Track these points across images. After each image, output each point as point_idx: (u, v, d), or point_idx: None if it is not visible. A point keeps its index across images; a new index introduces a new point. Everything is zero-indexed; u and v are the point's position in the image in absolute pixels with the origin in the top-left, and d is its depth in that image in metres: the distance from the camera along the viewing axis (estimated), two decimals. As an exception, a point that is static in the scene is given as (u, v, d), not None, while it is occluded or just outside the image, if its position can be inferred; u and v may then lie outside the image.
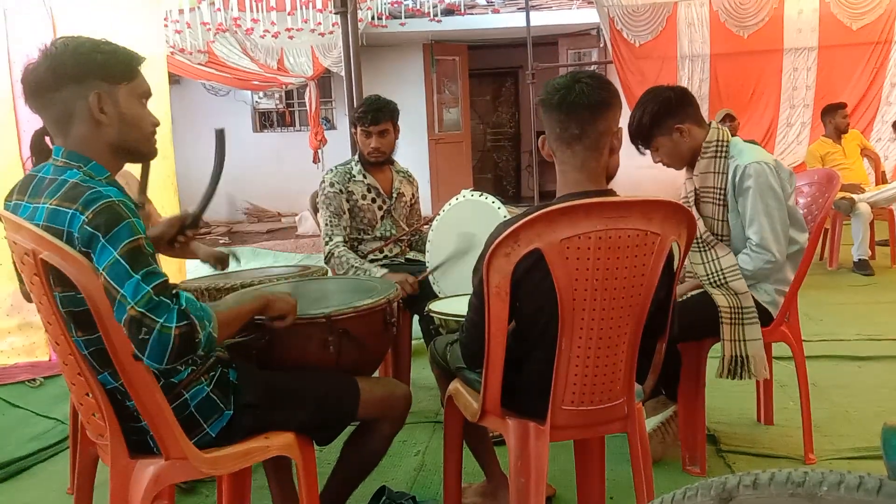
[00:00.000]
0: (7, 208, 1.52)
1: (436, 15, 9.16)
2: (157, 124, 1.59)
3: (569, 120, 1.64)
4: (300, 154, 9.64)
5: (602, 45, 9.33)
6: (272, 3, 8.46)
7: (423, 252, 3.03)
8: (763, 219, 2.29)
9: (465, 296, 1.84)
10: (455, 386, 1.97)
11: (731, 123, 6.33)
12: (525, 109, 11.64)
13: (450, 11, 9.34)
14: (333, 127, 10.27)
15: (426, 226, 3.23)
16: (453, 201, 2.90)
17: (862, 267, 5.40)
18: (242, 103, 10.65)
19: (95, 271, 1.38)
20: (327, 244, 3.11)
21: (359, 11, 6.56)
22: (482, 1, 9.57)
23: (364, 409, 1.80)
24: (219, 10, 8.13)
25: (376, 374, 2.31)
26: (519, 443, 1.70)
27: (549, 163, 1.74)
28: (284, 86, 9.58)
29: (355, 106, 3.24)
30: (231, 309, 1.58)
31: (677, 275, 1.75)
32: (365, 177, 3.17)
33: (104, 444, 1.58)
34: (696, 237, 2.35)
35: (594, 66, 9.58)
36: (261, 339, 1.77)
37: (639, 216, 1.56)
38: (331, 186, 3.13)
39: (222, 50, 8.53)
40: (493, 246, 1.57)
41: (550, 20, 9.33)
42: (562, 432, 1.71)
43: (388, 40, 9.50)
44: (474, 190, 2.87)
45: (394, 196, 3.22)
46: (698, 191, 2.40)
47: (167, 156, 4.38)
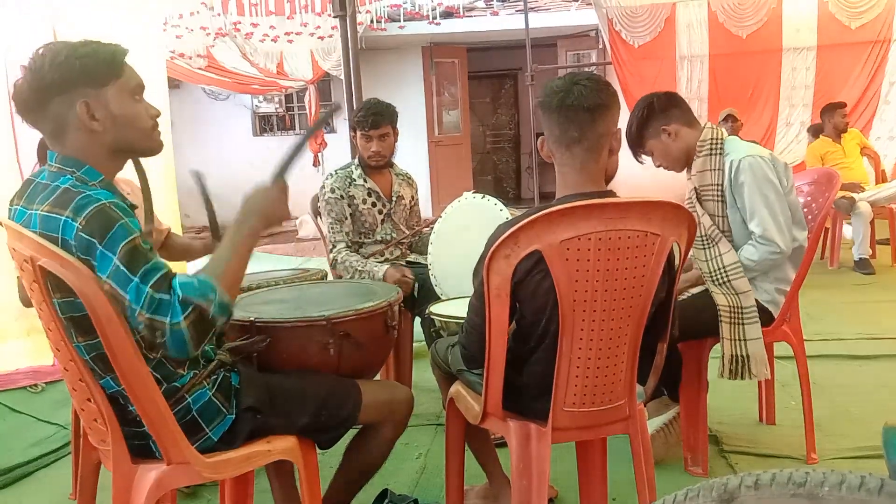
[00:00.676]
0: (8, 213, 1.52)
1: (434, 18, 9.19)
2: (157, 115, 1.55)
3: (568, 122, 1.65)
4: (300, 157, 9.64)
5: (601, 47, 9.33)
6: (271, 8, 8.48)
7: (424, 254, 3.04)
8: (763, 210, 2.29)
9: (466, 298, 1.84)
10: (456, 388, 1.97)
11: (734, 124, 6.33)
12: (524, 111, 11.65)
13: (449, 14, 9.36)
14: (333, 130, 10.28)
15: (427, 228, 3.23)
16: (455, 203, 2.90)
17: (863, 266, 5.40)
18: (242, 107, 10.66)
19: (98, 279, 1.37)
20: (331, 251, 3.12)
21: (358, 15, 6.57)
22: (481, 3, 9.58)
23: (366, 413, 1.80)
24: (218, 15, 8.15)
25: (378, 377, 2.31)
26: (521, 444, 1.70)
27: (549, 164, 1.74)
28: (284, 90, 9.58)
29: (354, 110, 3.23)
30: (229, 264, 1.47)
31: (678, 275, 1.75)
32: (365, 181, 3.17)
33: (106, 450, 1.58)
34: (701, 234, 2.37)
35: (593, 68, 9.58)
36: (261, 343, 1.77)
37: (638, 217, 1.56)
38: (332, 192, 3.13)
39: (222, 54, 8.53)
40: (493, 248, 1.57)
41: (549, 22, 9.34)
42: (563, 434, 1.71)
43: (388, 43, 9.50)
44: (475, 192, 2.88)
45: (393, 199, 3.22)
46: (698, 189, 2.41)
47: (167, 160, 4.38)
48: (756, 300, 2.34)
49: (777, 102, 7.85)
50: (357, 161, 3.22)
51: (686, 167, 2.49)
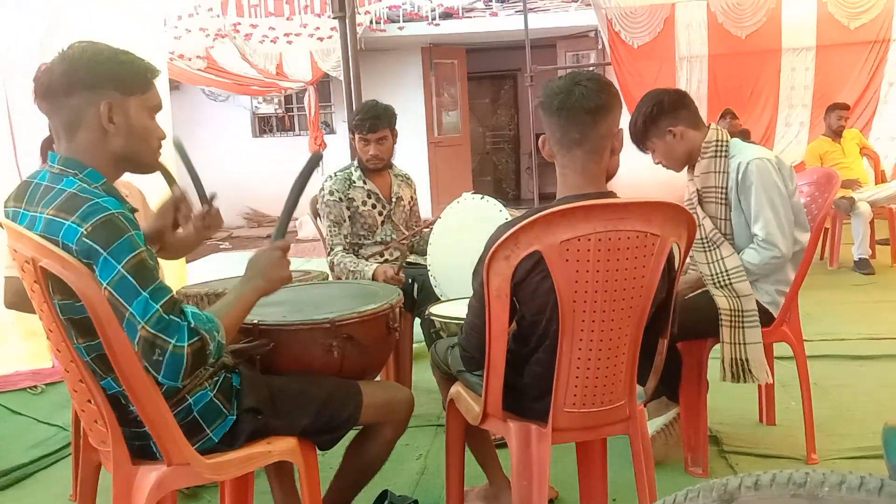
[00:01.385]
0: (7, 216, 1.52)
1: (434, 19, 9.19)
2: (164, 137, 1.60)
3: (569, 124, 1.64)
4: (300, 159, 9.60)
5: (600, 47, 9.33)
6: (271, 9, 8.49)
7: (424, 255, 3.04)
8: (769, 214, 2.29)
9: (466, 299, 1.84)
10: (456, 389, 1.97)
11: (732, 121, 6.33)
12: (524, 112, 11.65)
13: (448, 15, 9.37)
14: (333, 131, 10.28)
15: (427, 228, 3.23)
16: (455, 204, 2.90)
17: (862, 266, 5.40)
18: (242, 108, 10.67)
19: (98, 284, 1.38)
20: (329, 254, 3.12)
21: (357, 16, 6.57)
22: (480, 4, 9.59)
23: (366, 414, 1.80)
24: (218, 16, 8.15)
25: (378, 378, 2.31)
26: (521, 445, 1.70)
27: (549, 164, 1.74)
28: (283, 90, 9.59)
29: (353, 113, 3.23)
30: (232, 309, 1.55)
31: (678, 276, 1.75)
32: (365, 182, 3.17)
33: (106, 451, 1.58)
34: (702, 236, 2.36)
35: (592, 68, 9.59)
36: (265, 346, 1.77)
37: (638, 218, 1.57)
38: (330, 195, 3.13)
39: (221, 55, 8.54)
40: (493, 248, 1.57)
41: (548, 23, 9.35)
42: (564, 434, 1.71)
43: (387, 44, 9.51)
44: (475, 193, 2.88)
45: (393, 200, 3.22)
46: (701, 191, 2.41)
47: (167, 161, 4.37)
48: (757, 301, 2.34)
49: (776, 103, 7.85)
50: (356, 163, 3.22)
51: (685, 167, 2.49)
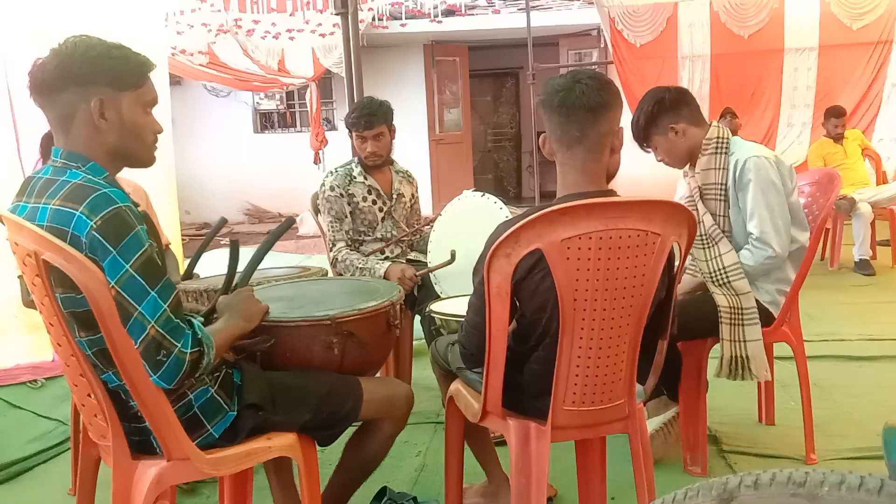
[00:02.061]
0: (9, 211, 1.52)
1: (436, 16, 9.19)
2: (160, 132, 1.58)
3: (569, 122, 1.64)
4: (301, 155, 9.65)
5: (602, 46, 9.33)
6: (273, 5, 8.48)
7: (425, 252, 3.04)
8: (764, 212, 2.29)
9: (466, 296, 1.84)
10: (456, 386, 1.97)
11: (732, 119, 6.33)
12: (526, 110, 11.64)
13: (450, 12, 9.36)
14: (334, 128, 10.28)
15: (427, 226, 3.23)
16: (455, 201, 2.90)
17: (863, 267, 5.40)
18: (243, 104, 10.66)
19: (106, 283, 1.38)
20: (331, 250, 3.12)
21: (359, 12, 6.56)
22: (483, 2, 9.58)
23: (366, 410, 1.80)
24: (219, 12, 8.15)
25: (378, 375, 2.31)
26: (520, 443, 1.70)
27: (550, 163, 1.74)
28: (285, 87, 9.58)
29: (349, 111, 3.23)
30: (222, 335, 1.59)
31: (678, 275, 1.75)
32: (365, 178, 3.17)
33: (106, 445, 1.58)
34: (702, 233, 2.36)
35: (595, 67, 9.58)
36: (266, 342, 1.77)
37: (639, 216, 1.56)
38: (331, 190, 3.14)
39: (223, 51, 8.53)
40: (494, 246, 1.57)
41: (551, 21, 9.34)
42: (563, 432, 1.71)
43: (389, 41, 9.50)
44: (476, 190, 2.87)
45: (394, 197, 3.22)
46: (702, 187, 2.41)
47: (168, 158, 4.38)
48: (757, 300, 2.34)
49: (779, 103, 7.85)
50: (357, 159, 3.22)
51: (687, 164, 2.49)
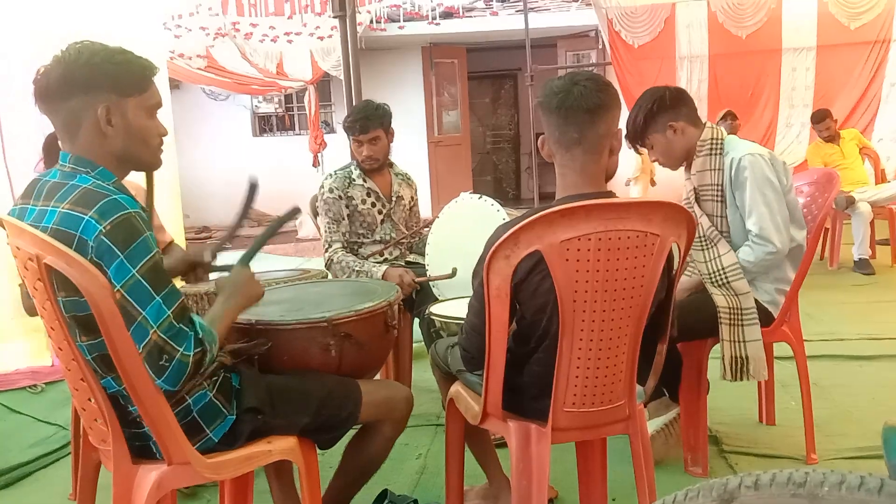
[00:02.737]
0: (12, 214, 1.52)
1: (434, 18, 9.19)
2: (165, 134, 1.59)
3: (567, 124, 1.64)
4: (300, 158, 9.65)
5: (601, 47, 9.33)
6: (271, 8, 8.49)
7: (423, 255, 3.04)
8: (762, 209, 2.29)
9: (466, 298, 1.84)
10: (456, 388, 1.97)
11: (733, 122, 6.34)
12: (524, 111, 11.65)
13: (448, 14, 9.36)
14: (333, 131, 10.28)
15: (426, 228, 3.23)
16: (453, 204, 2.90)
17: (862, 266, 5.40)
18: (242, 108, 10.67)
19: (110, 286, 1.38)
20: (327, 251, 3.12)
21: (357, 15, 6.57)
22: (480, 3, 9.58)
23: (366, 412, 1.80)
24: (217, 15, 8.15)
25: (378, 377, 2.31)
26: (520, 445, 1.70)
27: (549, 164, 1.74)
28: (284, 90, 9.58)
29: (347, 115, 3.24)
30: (223, 323, 1.59)
31: (677, 276, 1.75)
32: (364, 181, 3.17)
33: (107, 450, 1.58)
34: (700, 235, 2.36)
35: (593, 68, 9.59)
36: (263, 346, 1.77)
37: (638, 217, 1.57)
38: (330, 192, 3.14)
39: (221, 54, 8.53)
40: (493, 248, 1.57)
41: (549, 22, 9.34)
42: (563, 434, 1.71)
43: (387, 44, 9.51)
44: (474, 193, 2.88)
45: (393, 199, 3.22)
46: (697, 189, 2.41)
47: (170, 162, 4.37)
48: (756, 300, 2.34)
49: (777, 103, 7.85)
50: (356, 162, 3.22)
51: (682, 166, 2.48)
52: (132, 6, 4.11)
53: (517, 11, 9.09)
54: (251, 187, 1.80)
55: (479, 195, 2.83)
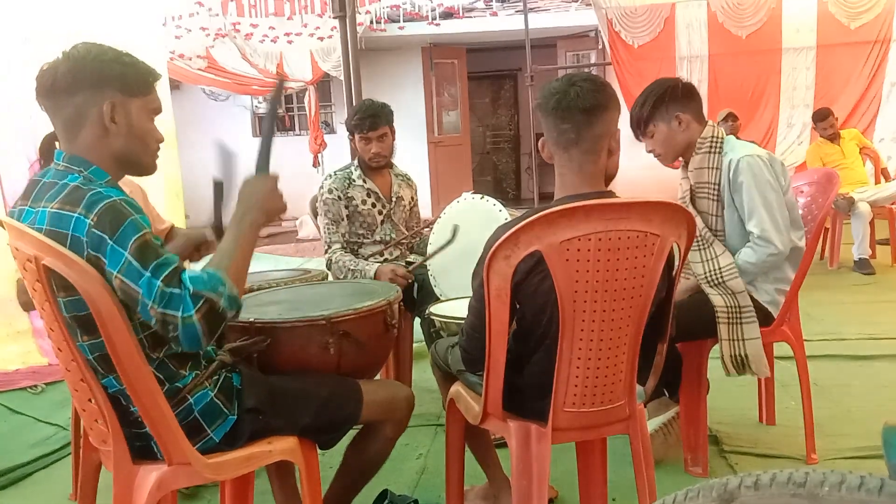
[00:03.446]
0: (12, 215, 1.52)
1: (434, 18, 9.19)
2: (162, 140, 1.61)
3: (564, 124, 1.65)
4: (300, 158, 9.64)
5: (600, 47, 9.33)
6: (271, 9, 8.49)
7: (423, 255, 3.04)
8: (762, 211, 2.29)
9: (466, 298, 1.84)
10: (456, 389, 1.97)
11: (733, 123, 6.34)
12: (524, 111, 11.65)
13: (448, 15, 9.36)
14: (333, 131, 10.28)
15: (426, 229, 3.23)
16: (454, 204, 2.90)
17: (862, 266, 5.40)
18: (242, 108, 10.66)
19: (108, 275, 1.38)
20: (326, 252, 3.13)
21: (357, 15, 6.57)
22: (480, 4, 9.58)
23: (367, 412, 1.80)
24: (218, 16, 8.16)
25: (378, 377, 2.31)
26: (521, 445, 1.70)
27: (549, 164, 1.74)
28: (284, 90, 9.58)
29: (350, 114, 3.22)
30: (234, 256, 1.51)
31: (677, 276, 1.75)
32: (365, 181, 3.17)
33: (107, 450, 1.58)
34: (696, 235, 2.35)
35: (593, 68, 9.59)
36: (262, 344, 1.77)
37: (638, 217, 1.57)
38: (329, 193, 3.14)
39: (221, 55, 8.54)
40: (493, 249, 1.57)
41: (548, 22, 9.35)
42: (563, 434, 1.71)
43: (387, 44, 9.51)
44: (475, 193, 2.87)
45: (393, 200, 3.22)
46: (694, 187, 2.41)
47: (173, 161, 4.39)
48: (756, 300, 2.34)
49: (777, 103, 7.85)
50: (356, 162, 3.22)
51: (675, 160, 2.48)
52: (132, 8, 4.10)
53: (517, 12, 9.09)
54: (216, 186, 1.76)
55: (481, 195, 2.83)
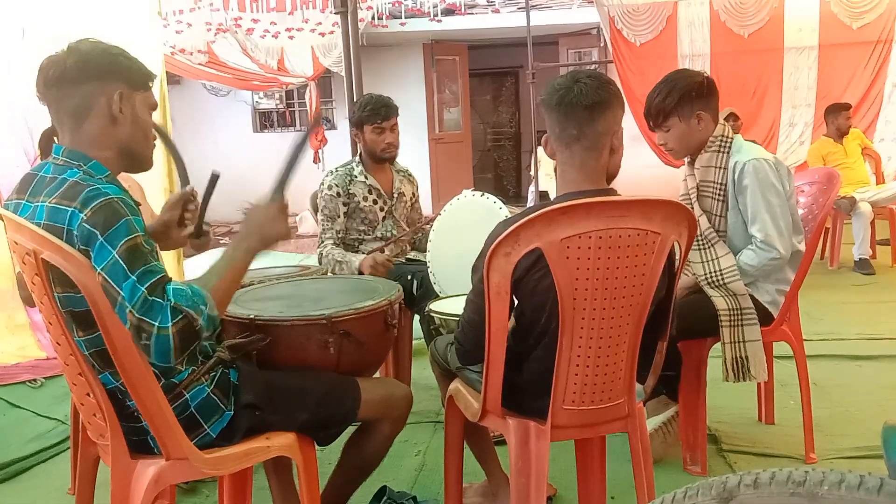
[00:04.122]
0: (8, 207, 1.52)
1: (436, 15, 9.18)
2: (155, 138, 1.66)
3: (567, 120, 1.64)
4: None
5: (602, 45, 9.32)
6: (272, 4, 8.47)
7: (424, 252, 3.03)
8: (765, 215, 2.28)
9: (465, 295, 1.83)
10: (456, 386, 1.97)
11: (735, 123, 6.33)
12: (525, 109, 11.63)
13: (450, 11, 9.35)
14: (334, 127, 10.27)
15: (427, 225, 3.23)
16: (455, 201, 2.90)
17: (863, 266, 5.40)
18: (243, 103, 10.65)
19: (94, 270, 1.38)
20: (318, 246, 3.12)
21: (359, 11, 6.56)
22: (482, 1, 9.57)
23: (365, 410, 1.80)
24: (219, 11, 8.14)
25: (377, 375, 2.31)
26: (519, 442, 1.70)
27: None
28: (285, 86, 9.57)
29: (357, 108, 3.17)
30: (223, 278, 1.51)
31: (678, 274, 1.75)
32: (366, 178, 3.17)
33: (105, 445, 1.58)
34: (698, 234, 2.35)
35: (594, 66, 9.58)
36: (262, 341, 1.76)
37: (639, 215, 1.56)
38: (328, 189, 3.13)
39: (222, 50, 8.52)
40: (494, 245, 1.57)
41: (551, 20, 9.33)
42: (562, 432, 1.71)
43: (389, 40, 9.49)
44: (475, 190, 2.87)
45: (394, 196, 3.22)
46: (699, 185, 2.40)
47: (169, 157, 4.36)
48: (757, 300, 2.34)
49: (780, 103, 7.84)
50: (358, 158, 3.21)
51: (686, 157, 2.47)
52: (127, 5, 4.07)
53: (519, 9, 9.08)
54: (212, 178, 1.76)
55: (482, 192, 2.82)
